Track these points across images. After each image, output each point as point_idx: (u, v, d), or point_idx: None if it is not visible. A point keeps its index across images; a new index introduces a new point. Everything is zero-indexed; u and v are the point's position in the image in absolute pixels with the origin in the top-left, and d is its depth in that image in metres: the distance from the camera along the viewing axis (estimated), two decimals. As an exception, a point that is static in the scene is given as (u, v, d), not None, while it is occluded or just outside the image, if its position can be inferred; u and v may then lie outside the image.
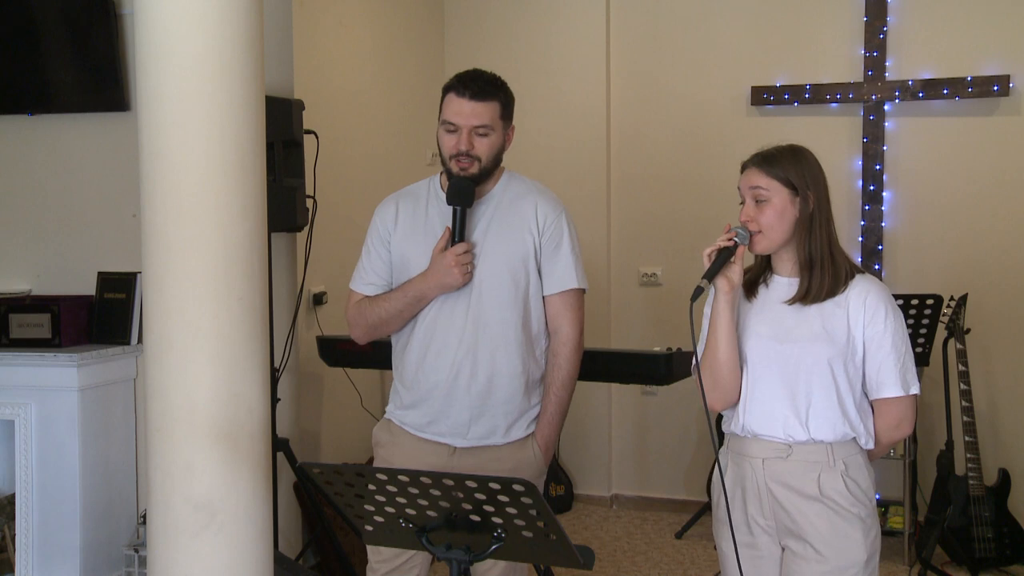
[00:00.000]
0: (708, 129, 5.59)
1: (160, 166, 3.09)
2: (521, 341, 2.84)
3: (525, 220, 2.86)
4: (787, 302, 2.52)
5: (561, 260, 2.87)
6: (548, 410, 2.89)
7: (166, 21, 3.04)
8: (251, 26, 3.14)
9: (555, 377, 2.89)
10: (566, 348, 2.88)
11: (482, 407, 2.83)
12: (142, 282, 3.17)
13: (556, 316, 2.89)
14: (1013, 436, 5.14)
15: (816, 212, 2.50)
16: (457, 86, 2.82)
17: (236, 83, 3.10)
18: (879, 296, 2.50)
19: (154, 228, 3.12)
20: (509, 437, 2.86)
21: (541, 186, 2.99)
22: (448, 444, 2.86)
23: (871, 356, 2.49)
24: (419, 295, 2.83)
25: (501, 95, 2.86)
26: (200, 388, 3.08)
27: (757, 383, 2.53)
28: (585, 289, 2.93)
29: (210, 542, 3.08)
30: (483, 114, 2.79)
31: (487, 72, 2.88)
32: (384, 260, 2.92)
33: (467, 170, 2.80)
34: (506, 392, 2.83)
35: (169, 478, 3.10)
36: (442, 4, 6.06)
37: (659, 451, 5.78)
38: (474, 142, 2.79)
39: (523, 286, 2.84)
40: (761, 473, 2.53)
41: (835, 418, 2.49)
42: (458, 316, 2.82)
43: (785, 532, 2.53)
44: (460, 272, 2.77)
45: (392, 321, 2.90)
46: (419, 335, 2.88)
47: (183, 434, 3.08)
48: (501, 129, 2.86)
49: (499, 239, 2.84)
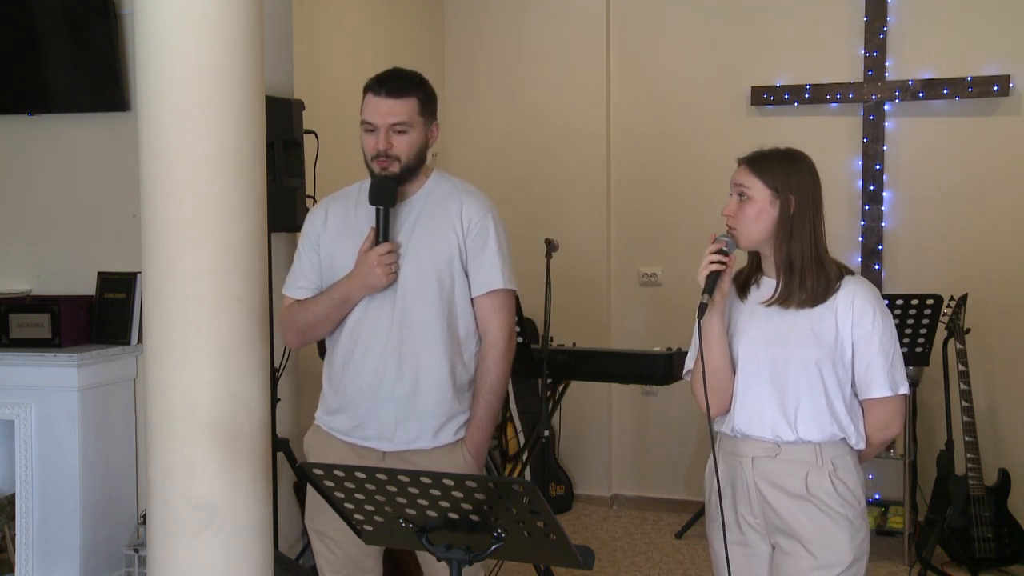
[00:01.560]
0: (708, 129, 5.58)
1: (160, 166, 3.09)
2: (447, 343, 2.79)
3: (450, 220, 2.80)
4: (763, 304, 2.53)
5: (487, 261, 2.81)
6: (477, 415, 2.83)
7: (166, 21, 3.04)
8: (251, 26, 3.14)
9: (484, 381, 2.83)
10: (494, 351, 2.83)
11: (407, 410, 2.78)
12: (142, 282, 3.18)
13: (485, 318, 2.83)
14: (1013, 436, 5.14)
15: (797, 216, 2.51)
16: (374, 86, 2.78)
17: (236, 83, 3.10)
18: (866, 297, 2.51)
19: (154, 228, 3.12)
20: (438, 441, 2.80)
21: (470, 187, 2.91)
22: (375, 449, 2.81)
23: (859, 357, 2.50)
24: (344, 296, 2.80)
25: (419, 92, 2.79)
26: (200, 388, 3.08)
27: (747, 384, 2.55)
28: (514, 290, 2.87)
29: (210, 542, 3.08)
30: (400, 111, 2.74)
31: (406, 70, 2.83)
32: (314, 263, 2.89)
33: (388, 169, 2.75)
34: (432, 395, 2.78)
35: (169, 478, 3.10)
36: (442, 4, 6.06)
37: (659, 451, 5.79)
38: (392, 140, 2.74)
39: (448, 287, 2.79)
40: (750, 472, 2.54)
41: (823, 419, 2.50)
42: (383, 318, 2.78)
43: (774, 530, 2.55)
44: (383, 272, 2.73)
45: (321, 324, 2.86)
46: (345, 338, 2.84)
47: (183, 434, 3.08)
48: (421, 126, 2.79)
49: (424, 240, 2.80)
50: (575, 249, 5.45)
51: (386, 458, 2.79)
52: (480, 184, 3.01)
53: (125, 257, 4.19)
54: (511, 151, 5.94)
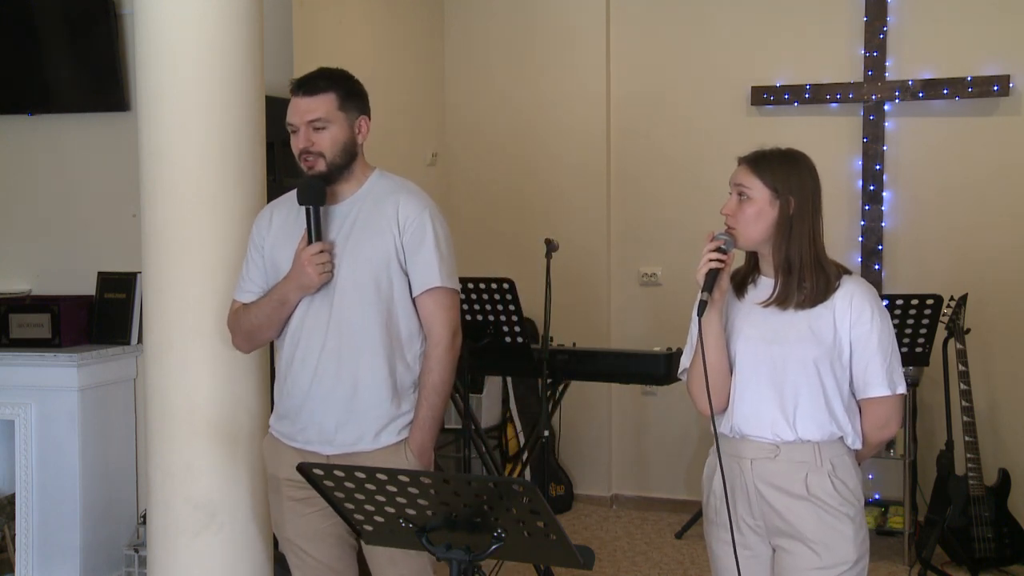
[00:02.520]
0: (708, 129, 5.58)
1: (160, 166, 3.09)
2: (386, 344, 2.76)
3: (387, 219, 2.77)
4: (761, 304, 2.53)
5: (423, 259, 2.77)
6: (420, 415, 2.79)
7: (166, 21, 3.05)
8: (251, 26, 3.14)
9: (427, 380, 2.79)
10: (437, 350, 2.79)
11: (347, 412, 2.75)
12: (142, 282, 3.18)
13: (427, 317, 2.80)
14: (1013, 436, 5.14)
15: (796, 218, 2.50)
16: (293, 87, 2.77)
17: (236, 83, 3.10)
18: (864, 297, 2.51)
19: (154, 228, 3.12)
20: (379, 443, 2.77)
21: (411, 185, 2.88)
22: (318, 452, 2.78)
23: (857, 356, 2.50)
24: (281, 298, 2.77)
25: (336, 87, 2.76)
26: (200, 388, 3.08)
27: (746, 384, 2.55)
28: (455, 289, 2.84)
29: (210, 542, 3.08)
30: (315, 108, 2.72)
31: (329, 68, 2.80)
32: (259, 267, 2.86)
33: (314, 168, 2.73)
34: (372, 397, 2.76)
35: (169, 478, 3.10)
36: (442, 4, 6.06)
37: (659, 451, 5.78)
38: (313, 138, 2.72)
39: (386, 287, 2.76)
40: (750, 474, 2.54)
41: (822, 418, 2.50)
42: (321, 320, 2.76)
43: (775, 532, 2.54)
44: (315, 272, 2.70)
45: (263, 327, 2.83)
46: (288, 340, 2.82)
47: (183, 434, 3.09)
48: (343, 121, 2.75)
49: (360, 240, 2.77)
50: (575, 249, 5.44)
51: (328, 461, 2.73)
52: (480, 184, 3.01)
53: (125, 257, 4.18)
54: (511, 151, 5.93)
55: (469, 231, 5.60)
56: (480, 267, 4.80)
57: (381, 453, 2.76)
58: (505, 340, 4.29)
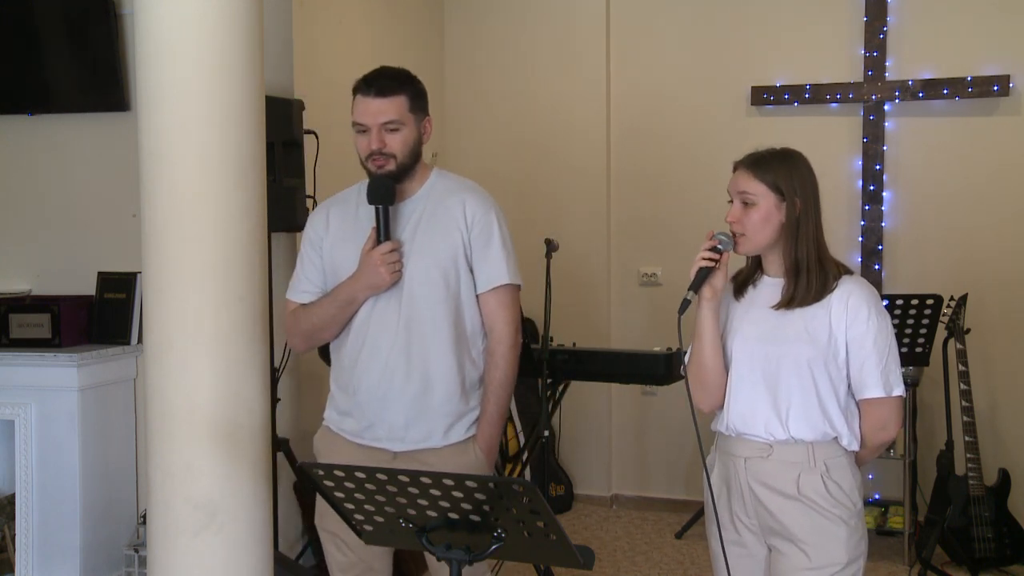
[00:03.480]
0: (708, 129, 5.58)
1: (160, 166, 3.09)
2: (454, 340, 2.79)
3: (453, 218, 2.81)
4: (774, 307, 2.53)
5: (491, 257, 2.81)
6: (487, 411, 2.83)
7: (166, 21, 3.04)
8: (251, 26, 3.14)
9: (492, 377, 2.83)
10: (501, 346, 2.83)
11: (418, 409, 2.78)
12: (142, 282, 3.17)
13: (490, 314, 2.83)
14: (1013, 436, 5.14)
15: (803, 218, 2.50)
16: (362, 86, 2.79)
17: (236, 83, 3.10)
18: (861, 297, 2.50)
19: (154, 228, 3.12)
20: (449, 440, 2.80)
21: (472, 183, 2.92)
22: (386, 449, 2.81)
23: (853, 357, 2.49)
24: (349, 298, 2.79)
25: (407, 89, 2.80)
26: (200, 388, 3.08)
27: (741, 382, 2.56)
28: (519, 285, 2.88)
29: (210, 542, 3.08)
30: (389, 110, 2.75)
31: (393, 68, 2.84)
32: (317, 267, 2.89)
33: (384, 168, 2.76)
34: (442, 393, 2.78)
35: (169, 478, 3.10)
36: (442, 4, 6.06)
37: (659, 451, 5.79)
38: (385, 139, 2.75)
39: (454, 285, 2.79)
40: (743, 473, 2.54)
41: (815, 418, 2.49)
42: (390, 317, 2.78)
43: (769, 531, 2.54)
44: (387, 271, 2.73)
45: (327, 327, 2.86)
46: (352, 339, 2.83)
47: (183, 434, 3.08)
48: (413, 123, 2.79)
49: (428, 238, 2.80)
50: (575, 249, 5.45)
51: (397, 458, 2.79)
52: (481, 184, 3.01)
53: (125, 257, 4.19)
54: (511, 151, 5.93)
55: (469, 231, 5.60)
56: (480, 267, 4.79)
57: (450, 451, 2.80)
58: (505, 340, 4.29)
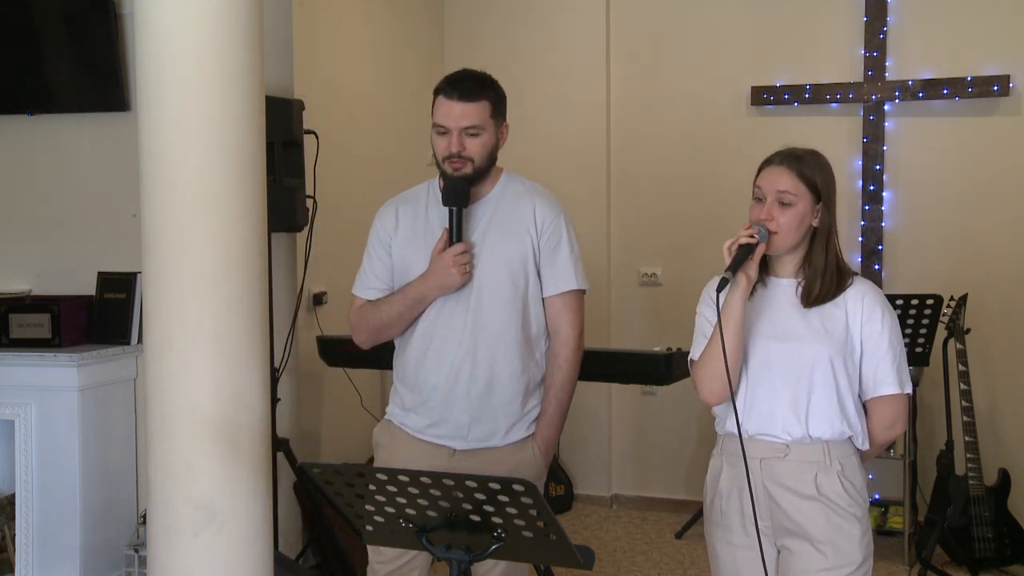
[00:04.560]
0: (708, 129, 5.58)
1: (160, 166, 3.09)
2: (520, 342, 2.83)
3: (524, 221, 2.85)
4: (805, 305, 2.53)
5: (560, 261, 2.86)
6: (548, 411, 2.88)
7: (166, 21, 3.04)
8: (251, 26, 3.14)
9: (555, 378, 2.88)
10: (566, 349, 2.87)
11: (482, 409, 2.82)
12: (142, 282, 3.17)
13: (556, 317, 2.88)
14: (1013, 436, 5.14)
15: (833, 221, 2.55)
16: (446, 88, 2.81)
17: (236, 83, 3.10)
18: (875, 297, 2.55)
19: (154, 228, 3.12)
20: (509, 439, 2.85)
21: (541, 188, 2.98)
22: (448, 446, 2.85)
23: (868, 355, 2.51)
24: (419, 297, 2.82)
25: (490, 94, 2.84)
26: (200, 388, 3.08)
27: (757, 383, 2.54)
28: (586, 290, 2.92)
29: (210, 542, 3.07)
30: (472, 115, 2.78)
31: (476, 72, 2.86)
32: (385, 264, 2.91)
33: (461, 171, 2.79)
34: (506, 394, 2.82)
35: (169, 478, 3.09)
36: (442, 4, 6.06)
37: (659, 451, 5.78)
38: (465, 143, 2.78)
39: (522, 287, 2.83)
40: (759, 474, 2.53)
41: (834, 416, 2.50)
42: (457, 318, 2.81)
43: (783, 532, 2.54)
44: (459, 272, 2.76)
45: (394, 324, 2.89)
46: (419, 337, 2.87)
47: (183, 434, 3.08)
48: (493, 128, 2.85)
49: (498, 240, 2.84)
50: (575, 249, 5.44)
51: (456, 455, 2.84)
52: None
53: (125, 257, 4.19)
54: (511, 151, 5.90)
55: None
56: (480, 267, 4.79)
57: (509, 449, 2.84)
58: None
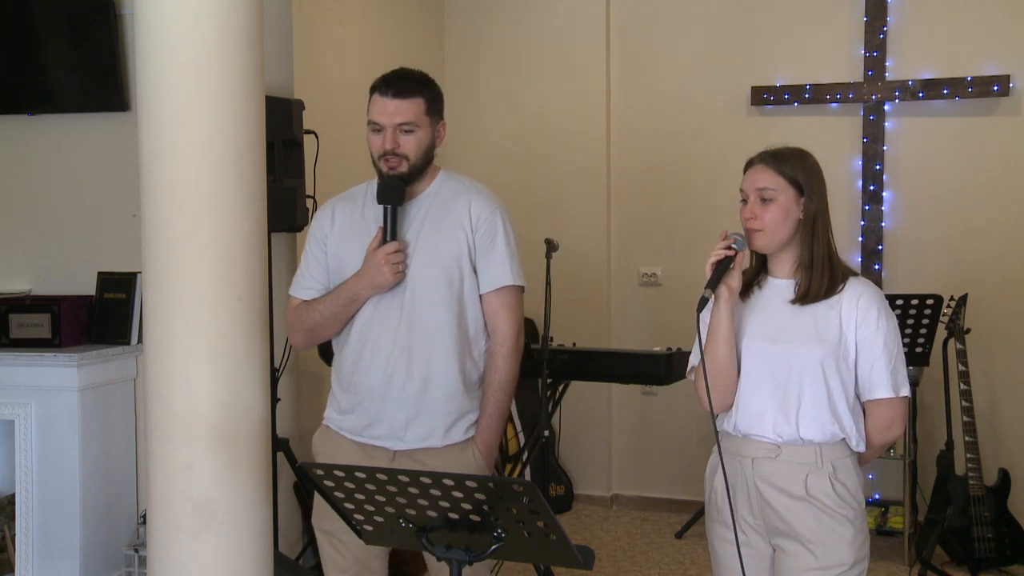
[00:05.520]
0: (708, 129, 5.59)
1: (160, 166, 3.09)
2: (457, 340, 2.79)
3: (459, 218, 2.81)
4: (792, 301, 2.53)
5: (495, 257, 2.82)
6: (486, 412, 2.83)
7: (166, 21, 3.04)
8: (251, 26, 3.14)
9: (492, 378, 2.83)
10: (502, 348, 2.83)
11: (418, 408, 2.78)
12: (142, 282, 3.17)
13: (493, 315, 2.83)
14: (1013, 436, 5.14)
15: (819, 214, 2.52)
16: (380, 86, 2.78)
17: (236, 83, 3.10)
18: (871, 298, 2.52)
19: (154, 228, 3.12)
20: (448, 439, 2.80)
21: (478, 185, 2.93)
22: (386, 448, 2.81)
23: (863, 357, 2.50)
24: (352, 296, 2.80)
25: (425, 92, 2.79)
26: (200, 388, 3.08)
27: (749, 383, 2.55)
28: (523, 287, 2.88)
29: (210, 542, 3.08)
30: (406, 111, 2.75)
31: (412, 70, 2.84)
32: (321, 264, 2.89)
33: (396, 169, 2.76)
34: (443, 393, 2.79)
35: (169, 478, 3.10)
36: (442, 4, 6.06)
37: (659, 451, 5.78)
38: (400, 140, 2.75)
39: (457, 285, 2.79)
40: (750, 473, 2.54)
41: (824, 419, 2.49)
42: (392, 316, 2.79)
43: (774, 531, 2.54)
44: (391, 271, 2.73)
45: (328, 324, 2.86)
46: (354, 337, 2.84)
47: (183, 434, 3.08)
48: (428, 126, 2.79)
49: (432, 238, 2.80)
50: (575, 249, 5.45)
51: (396, 457, 2.79)
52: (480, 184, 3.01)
53: (125, 257, 4.19)
54: (511, 151, 5.93)
55: (469, 231, 5.60)
56: (480, 267, 4.79)
57: (449, 451, 2.80)
58: (505, 340, 4.29)
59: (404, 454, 2.79)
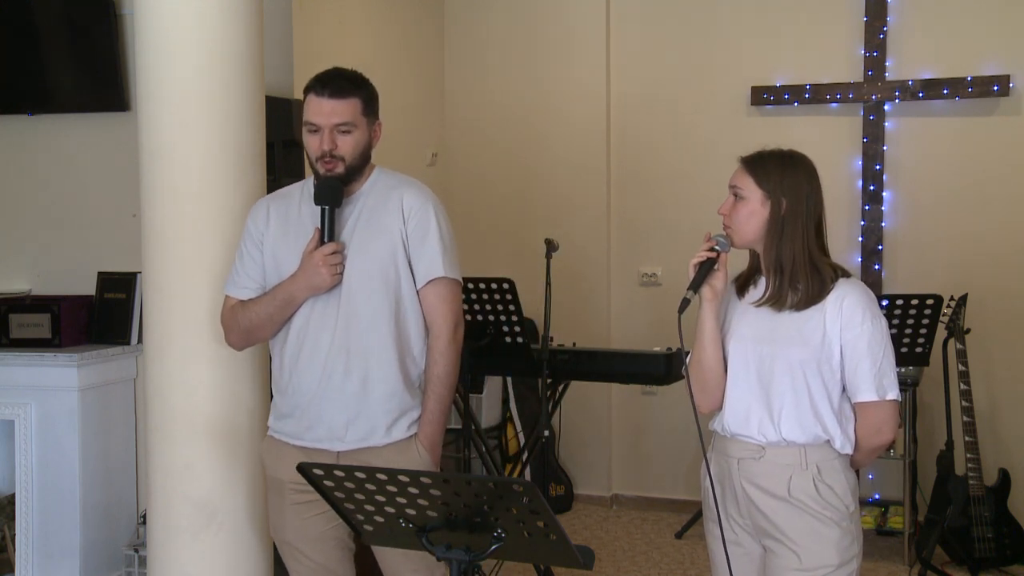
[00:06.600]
0: (708, 129, 5.58)
1: (160, 166, 3.09)
2: (395, 338, 2.77)
3: (391, 213, 2.79)
4: (754, 304, 2.55)
5: (428, 251, 2.79)
6: (428, 407, 2.81)
7: (166, 21, 3.05)
8: (251, 26, 3.15)
9: (432, 373, 2.82)
10: (439, 342, 2.81)
11: (358, 407, 2.76)
12: (142, 282, 3.18)
13: (430, 310, 2.82)
14: (1013, 436, 5.14)
15: (788, 218, 2.51)
16: (316, 86, 2.77)
17: (236, 83, 3.11)
18: (857, 300, 2.50)
19: (154, 228, 3.12)
20: (391, 437, 2.78)
21: (412, 180, 2.90)
22: (329, 450, 2.78)
23: (848, 360, 2.49)
24: (288, 298, 2.77)
25: (361, 92, 2.78)
26: (200, 388, 3.08)
27: (736, 383, 2.57)
28: (458, 280, 2.85)
29: (210, 541, 3.08)
30: (343, 112, 2.73)
31: (347, 70, 2.82)
32: (257, 262, 2.85)
33: (333, 170, 2.74)
34: (383, 391, 2.77)
35: (169, 478, 3.10)
36: (442, 4, 6.06)
37: (659, 451, 5.78)
38: (337, 141, 2.73)
39: (393, 281, 2.78)
40: (737, 473, 2.55)
41: (806, 420, 2.49)
42: (329, 316, 2.76)
43: (762, 532, 2.55)
44: (328, 272, 2.71)
45: (264, 326, 2.83)
46: (292, 339, 2.81)
47: (183, 434, 3.09)
48: (365, 126, 2.77)
49: (367, 236, 2.78)
50: (575, 249, 5.45)
51: (339, 458, 2.75)
52: (480, 184, 3.01)
53: (125, 257, 4.19)
54: (511, 151, 5.93)
55: (469, 231, 5.59)
56: (480, 267, 4.80)
57: (392, 449, 2.78)
58: (505, 340, 4.29)
59: (347, 455, 2.75)
